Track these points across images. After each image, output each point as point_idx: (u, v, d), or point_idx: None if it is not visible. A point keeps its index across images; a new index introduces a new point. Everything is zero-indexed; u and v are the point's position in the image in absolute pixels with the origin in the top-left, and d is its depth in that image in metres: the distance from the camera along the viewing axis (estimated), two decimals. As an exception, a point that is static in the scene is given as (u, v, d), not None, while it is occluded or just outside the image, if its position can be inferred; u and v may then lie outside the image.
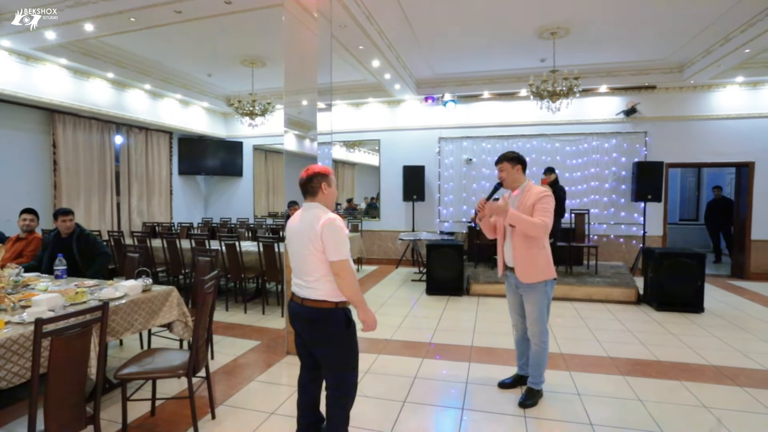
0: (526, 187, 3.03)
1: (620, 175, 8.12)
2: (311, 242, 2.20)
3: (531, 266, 2.94)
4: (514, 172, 3.04)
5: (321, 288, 2.23)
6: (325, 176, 2.32)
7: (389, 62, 6.77)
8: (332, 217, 2.22)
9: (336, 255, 2.17)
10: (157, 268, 6.15)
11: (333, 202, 2.38)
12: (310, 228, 2.21)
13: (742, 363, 3.86)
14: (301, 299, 2.28)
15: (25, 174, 6.78)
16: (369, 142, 9.76)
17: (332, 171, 2.41)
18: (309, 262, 2.23)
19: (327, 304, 2.23)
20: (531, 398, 3.08)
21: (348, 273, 2.20)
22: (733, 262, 8.14)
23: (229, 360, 3.95)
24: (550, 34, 6.00)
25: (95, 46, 6.47)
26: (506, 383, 3.35)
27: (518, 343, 3.32)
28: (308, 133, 4.16)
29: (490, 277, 6.50)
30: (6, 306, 2.69)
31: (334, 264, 2.18)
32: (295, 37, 4.16)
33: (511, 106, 8.64)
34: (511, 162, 3.04)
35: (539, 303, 2.98)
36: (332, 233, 2.17)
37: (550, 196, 2.92)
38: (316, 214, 2.24)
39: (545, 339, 3.04)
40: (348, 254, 2.22)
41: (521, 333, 3.25)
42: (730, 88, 7.72)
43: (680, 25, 5.74)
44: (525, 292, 3.03)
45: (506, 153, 3.09)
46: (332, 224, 2.18)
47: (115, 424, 2.75)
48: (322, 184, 2.31)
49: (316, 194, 2.31)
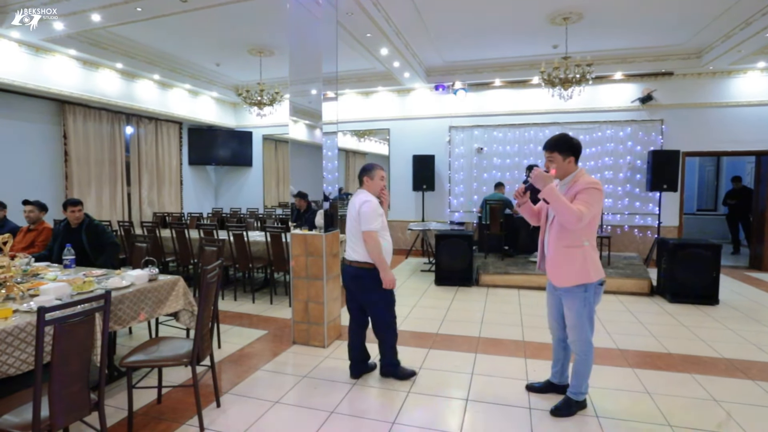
0: (577, 176, 2.64)
1: (635, 164, 7.95)
2: (353, 218, 3.09)
3: (565, 267, 2.61)
4: (566, 165, 2.64)
5: (361, 252, 3.07)
6: (367, 171, 3.18)
7: (398, 50, 6.68)
8: (367, 199, 3.07)
9: (365, 226, 3.01)
10: (167, 257, 6.22)
11: (375, 189, 3.17)
12: (353, 207, 3.11)
13: (755, 356, 3.77)
14: (349, 261, 3.15)
15: (36, 164, 6.88)
16: (379, 132, 9.70)
17: (376, 166, 3.20)
18: (353, 232, 3.11)
19: (366, 265, 3.07)
20: (566, 408, 2.76)
21: (372, 240, 3.00)
22: (752, 254, 7.94)
23: (236, 349, 3.98)
24: (563, 19, 5.84)
25: (103, 36, 6.49)
26: (535, 387, 3.11)
27: (554, 349, 3.02)
28: (314, 122, 4.13)
29: (499, 268, 6.44)
30: (15, 295, 2.73)
31: (363, 233, 3.02)
32: (300, 25, 4.11)
33: (523, 94, 8.49)
34: (562, 153, 2.63)
35: (577, 309, 2.63)
36: (365, 211, 3.02)
37: (599, 190, 2.54)
38: (359, 197, 3.12)
39: (587, 350, 2.69)
40: (375, 227, 3.00)
41: (557, 338, 2.94)
42: (751, 74, 7.47)
43: (698, 8, 5.54)
44: (562, 295, 2.71)
45: (557, 139, 2.67)
46: (367, 203, 3.05)
47: (121, 411, 2.79)
48: (365, 177, 3.19)
49: (362, 184, 3.21)
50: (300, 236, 4.06)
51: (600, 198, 2.55)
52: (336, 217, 4.34)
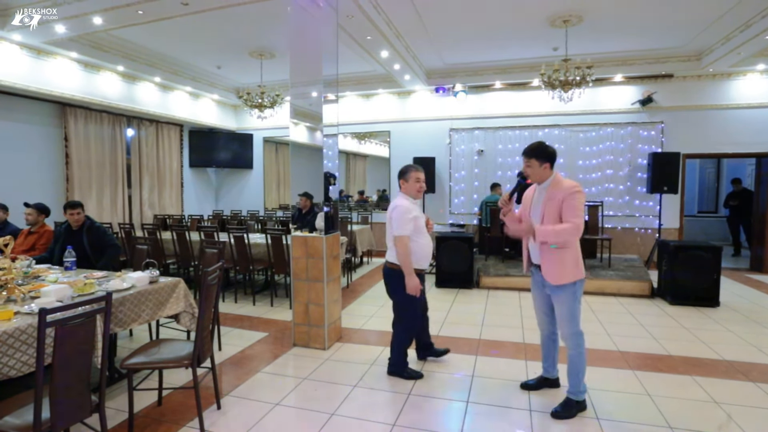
0: (554, 180, 2.81)
1: (636, 166, 7.95)
2: (387, 222, 3.27)
3: (559, 266, 2.75)
4: (542, 171, 2.81)
5: (392, 253, 3.25)
6: (402, 175, 3.35)
7: (398, 52, 6.70)
8: (398, 203, 3.20)
9: (396, 231, 3.16)
10: (168, 260, 6.22)
11: (411, 190, 3.29)
12: (388, 212, 3.28)
13: (756, 358, 3.76)
14: (386, 261, 3.36)
15: (37, 167, 6.90)
16: (379, 134, 9.71)
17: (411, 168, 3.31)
18: (388, 234, 3.28)
19: (394, 266, 3.24)
20: (566, 410, 2.81)
21: (400, 245, 3.13)
22: (752, 255, 7.93)
23: (237, 351, 3.98)
24: (563, 21, 5.86)
25: (105, 39, 6.52)
26: (529, 384, 3.17)
27: (543, 344, 3.13)
28: (315, 124, 4.14)
29: (500, 270, 6.44)
30: (16, 297, 2.74)
31: (394, 237, 3.17)
32: (300, 28, 4.12)
33: (523, 96, 8.51)
34: (539, 159, 2.80)
35: (569, 304, 2.78)
36: (395, 217, 3.17)
37: (581, 192, 2.71)
38: (393, 202, 3.28)
39: (580, 342, 2.80)
40: (404, 232, 3.13)
41: (547, 333, 3.07)
42: (751, 77, 7.48)
43: (698, 10, 5.56)
44: (553, 292, 2.84)
45: (535, 147, 2.83)
46: (396, 209, 3.18)
47: (122, 413, 2.79)
48: (400, 181, 3.35)
49: (400, 188, 3.35)
50: (300, 238, 4.07)
51: (583, 199, 2.75)
52: (337, 219, 4.35)
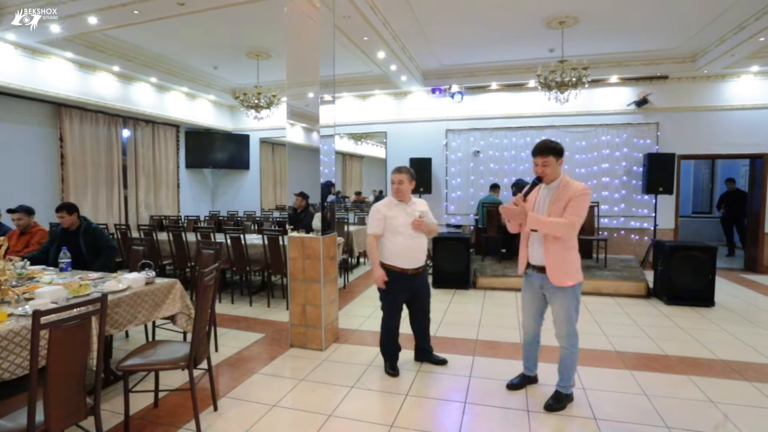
0: (563, 181, 2.78)
1: (631, 167, 7.99)
2: None
3: (565, 268, 2.75)
4: (558, 167, 2.78)
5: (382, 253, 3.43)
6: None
7: (395, 53, 6.70)
8: (374, 205, 3.49)
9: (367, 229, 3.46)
10: (164, 261, 6.19)
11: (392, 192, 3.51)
12: None
13: (751, 357, 3.78)
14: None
15: (32, 168, 6.85)
16: (376, 135, 9.71)
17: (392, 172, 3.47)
18: None
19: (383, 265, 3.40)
20: (559, 402, 2.91)
21: (367, 241, 3.45)
22: (746, 256, 7.99)
23: (233, 352, 3.97)
24: (559, 23, 5.88)
25: (100, 39, 6.48)
26: (514, 384, 3.22)
27: (527, 345, 3.17)
28: (311, 125, 4.13)
29: (497, 271, 6.45)
30: (10, 298, 2.71)
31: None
32: (297, 28, 4.11)
33: (519, 98, 8.52)
34: (556, 156, 2.75)
35: (568, 305, 2.80)
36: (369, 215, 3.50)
37: (589, 195, 2.72)
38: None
39: (575, 342, 2.86)
40: (371, 230, 3.39)
41: (532, 335, 3.11)
42: (745, 78, 7.53)
43: (693, 12, 5.59)
44: (553, 293, 2.83)
45: (549, 144, 2.77)
46: (371, 209, 3.49)
47: (118, 415, 2.77)
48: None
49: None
50: (297, 239, 4.06)
51: (589, 201, 2.76)
52: (333, 219, 4.34)
